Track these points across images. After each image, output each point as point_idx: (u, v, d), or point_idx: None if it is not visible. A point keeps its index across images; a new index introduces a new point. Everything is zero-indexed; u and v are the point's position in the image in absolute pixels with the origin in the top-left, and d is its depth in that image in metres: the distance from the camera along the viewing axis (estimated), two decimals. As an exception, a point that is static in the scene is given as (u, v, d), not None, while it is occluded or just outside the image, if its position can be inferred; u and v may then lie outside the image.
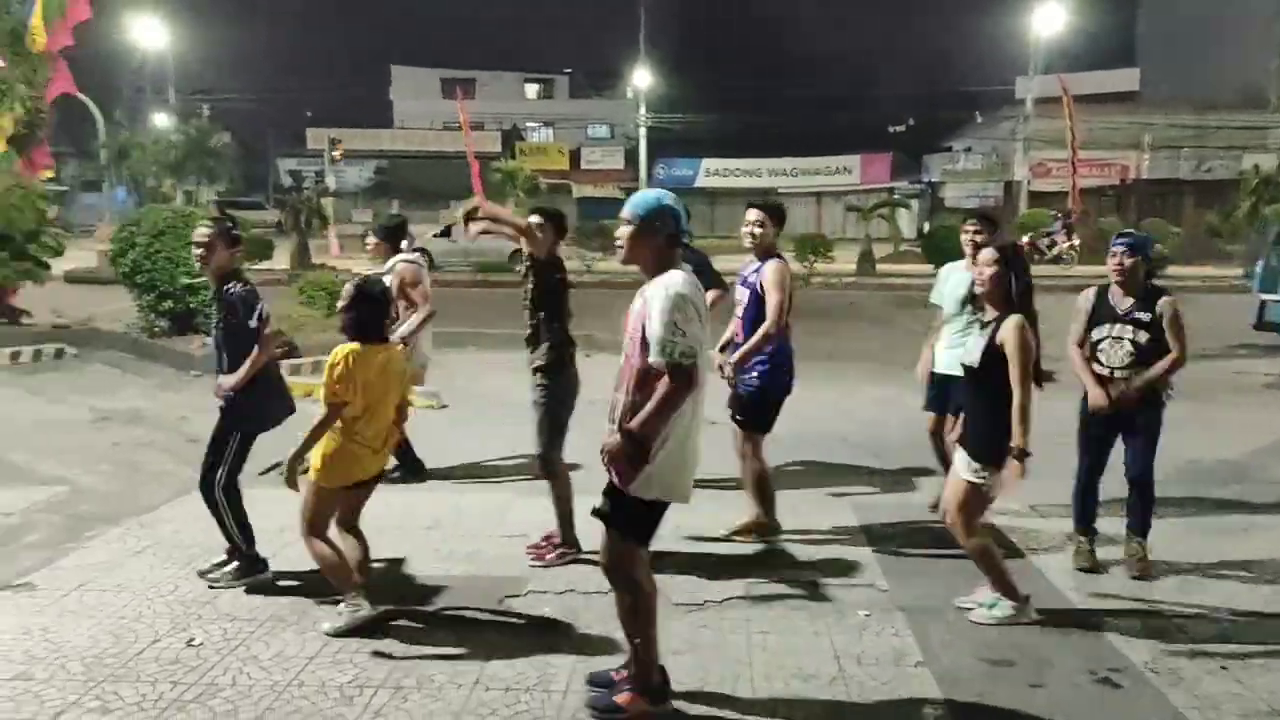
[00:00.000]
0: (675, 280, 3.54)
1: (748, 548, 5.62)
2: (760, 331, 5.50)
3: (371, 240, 7.30)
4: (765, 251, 5.66)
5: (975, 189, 47.00)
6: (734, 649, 4.30)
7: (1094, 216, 36.52)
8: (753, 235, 5.68)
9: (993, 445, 4.42)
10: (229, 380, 4.97)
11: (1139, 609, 4.79)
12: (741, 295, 5.72)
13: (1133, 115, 42.51)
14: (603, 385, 4.11)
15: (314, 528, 4.51)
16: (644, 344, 3.52)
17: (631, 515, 3.63)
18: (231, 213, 8.84)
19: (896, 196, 40.12)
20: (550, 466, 5.37)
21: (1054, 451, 6.31)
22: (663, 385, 3.44)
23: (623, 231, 3.66)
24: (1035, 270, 5.05)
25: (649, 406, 3.46)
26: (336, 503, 4.58)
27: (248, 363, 4.96)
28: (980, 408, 4.53)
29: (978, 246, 5.63)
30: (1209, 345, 11.98)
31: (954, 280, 6.01)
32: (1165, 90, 45.09)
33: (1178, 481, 6.81)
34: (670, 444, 3.53)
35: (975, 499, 4.54)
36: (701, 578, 5.12)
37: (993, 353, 4.41)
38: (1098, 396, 5.19)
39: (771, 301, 5.50)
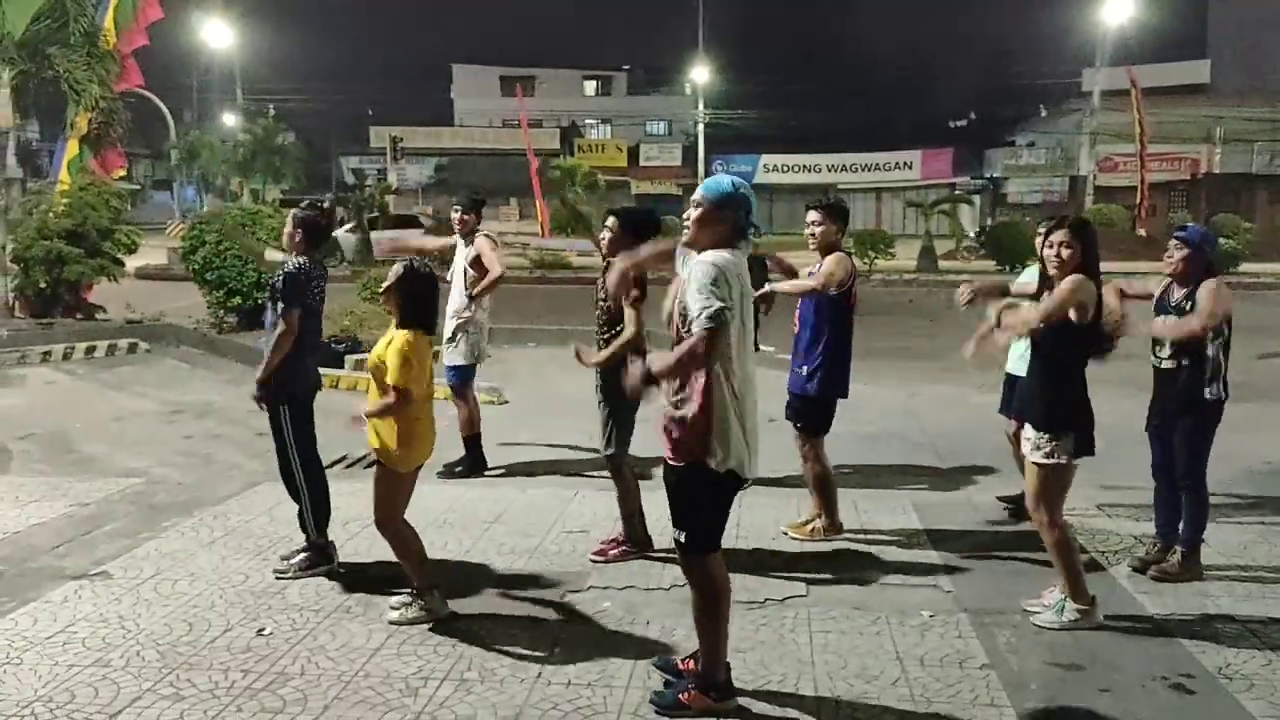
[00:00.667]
0: (714, 254, 3.54)
1: (809, 546, 5.60)
2: (805, 285, 5.54)
3: (456, 214, 7.34)
4: (828, 249, 5.64)
5: (1039, 184, 46.28)
6: (795, 648, 4.29)
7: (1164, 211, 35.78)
8: (813, 236, 5.67)
9: (1054, 412, 4.41)
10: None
11: (1211, 614, 4.68)
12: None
13: (1203, 108, 41.54)
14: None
15: (392, 516, 4.60)
16: (684, 317, 3.53)
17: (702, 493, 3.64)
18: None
19: (958, 192, 39.59)
20: (615, 463, 5.39)
21: (1124, 453, 6.21)
22: (690, 338, 3.46)
23: (691, 214, 3.64)
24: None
25: (675, 352, 3.49)
26: (409, 488, 4.65)
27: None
28: (1039, 377, 4.52)
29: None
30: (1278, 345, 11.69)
31: (1024, 278, 5.92)
32: (1237, 82, 43.89)
33: (1249, 483, 6.66)
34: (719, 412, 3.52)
35: (1052, 480, 4.47)
36: (763, 576, 5.10)
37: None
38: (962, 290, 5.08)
39: (821, 272, 5.51)
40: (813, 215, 5.66)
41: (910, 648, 4.31)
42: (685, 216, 3.69)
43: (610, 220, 5.47)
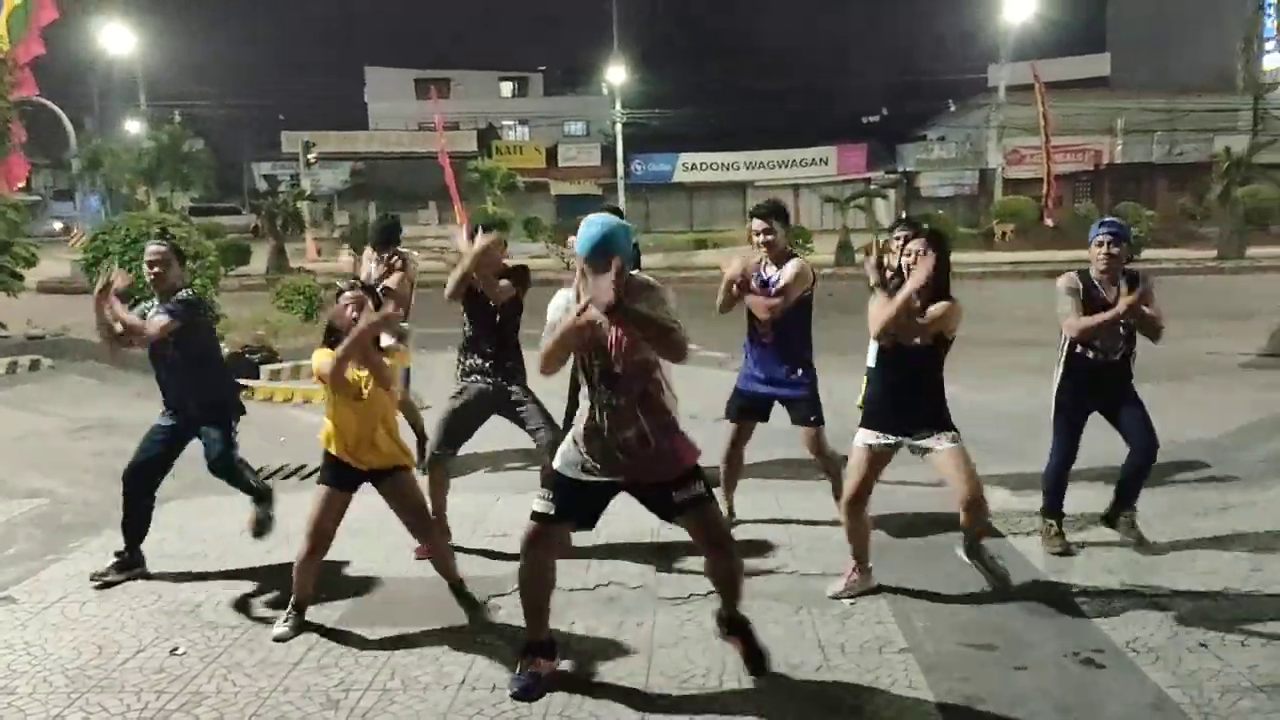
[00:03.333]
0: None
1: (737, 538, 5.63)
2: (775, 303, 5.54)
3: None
4: (781, 255, 5.65)
5: (951, 178, 47.26)
6: (720, 642, 4.31)
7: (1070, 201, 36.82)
8: (766, 244, 5.64)
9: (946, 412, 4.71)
10: None
11: (1118, 589, 4.84)
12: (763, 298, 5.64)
13: (1105, 100, 42.87)
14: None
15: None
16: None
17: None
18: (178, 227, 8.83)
19: (873, 187, 40.18)
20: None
21: (1031, 436, 6.38)
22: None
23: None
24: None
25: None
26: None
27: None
28: (939, 383, 4.71)
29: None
30: (1182, 327, 12.07)
31: None
32: (1136, 75, 45.41)
33: (1154, 462, 6.88)
34: None
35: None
36: (686, 572, 5.13)
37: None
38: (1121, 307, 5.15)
39: (790, 285, 5.54)
40: (758, 224, 5.61)
41: (831, 635, 4.38)
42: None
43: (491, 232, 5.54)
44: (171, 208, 33.48)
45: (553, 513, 3.85)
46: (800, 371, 5.67)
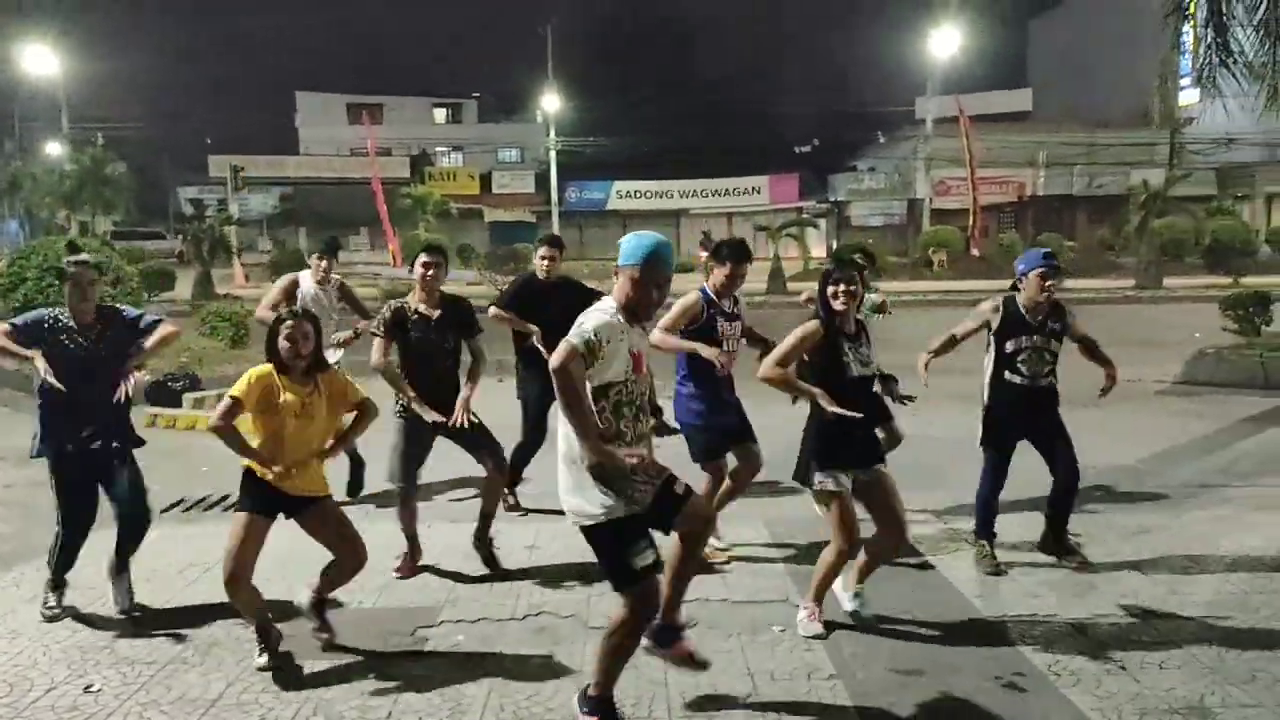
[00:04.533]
0: None
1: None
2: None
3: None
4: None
5: (880, 207, 48.16)
6: (649, 670, 4.29)
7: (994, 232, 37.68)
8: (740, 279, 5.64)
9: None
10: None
11: (1040, 614, 4.92)
12: (734, 329, 5.65)
13: (1027, 134, 44.03)
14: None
15: None
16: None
17: None
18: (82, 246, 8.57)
19: (804, 216, 40.75)
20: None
21: (954, 460, 6.47)
22: None
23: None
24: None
25: None
26: None
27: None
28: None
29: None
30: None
31: None
32: (1057, 109, 46.80)
33: (1077, 487, 7.02)
34: None
35: None
36: (615, 601, 5.09)
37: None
38: (924, 375, 5.48)
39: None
40: (744, 268, 5.59)
41: (761, 663, 4.38)
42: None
43: (431, 256, 5.64)
44: (93, 232, 32.75)
45: (653, 561, 3.70)
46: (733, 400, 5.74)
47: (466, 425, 5.46)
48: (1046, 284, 5.36)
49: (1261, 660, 4.33)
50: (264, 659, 4.36)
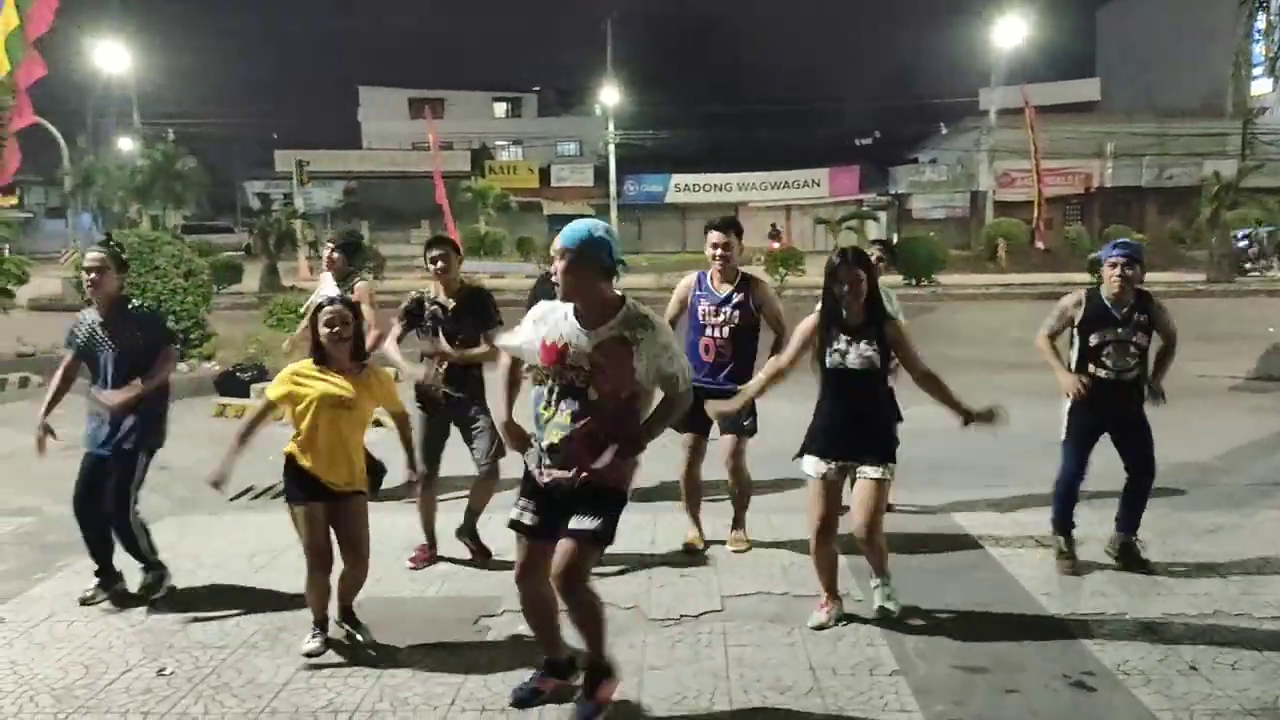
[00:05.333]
0: (659, 317, 3.85)
1: (723, 561, 5.63)
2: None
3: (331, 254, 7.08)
4: (733, 272, 5.73)
5: (941, 200, 47.52)
6: (710, 663, 4.31)
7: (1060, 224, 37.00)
8: (723, 259, 5.71)
9: (892, 442, 4.78)
10: (117, 397, 5.00)
11: (1110, 612, 4.83)
12: (730, 316, 5.66)
13: (1095, 124, 43.15)
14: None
15: None
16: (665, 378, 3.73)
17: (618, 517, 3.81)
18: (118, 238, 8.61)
19: (864, 208, 40.39)
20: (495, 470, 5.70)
21: (1020, 457, 6.38)
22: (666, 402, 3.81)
23: (558, 265, 3.67)
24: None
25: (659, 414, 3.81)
26: None
27: (155, 380, 5.07)
28: (884, 407, 4.82)
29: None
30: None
31: None
32: (1126, 99, 45.79)
33: (1150, 487, 6.88)
34: None
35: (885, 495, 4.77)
36: (676, 592, 5.12)
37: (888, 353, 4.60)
38: (1071, 384, 5.32)
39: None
40: (717, 236, 5.67)
41: (823, 657, 4.36)
42: (553, 270, 3.72)
43: (438, 249, 5.70)
44: (164, 225, 33.51)
45: (527, 522, 3.83)
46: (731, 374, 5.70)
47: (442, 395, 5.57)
48: (1118, 272, 5.26)
49: (1340, 664, 4.22)
50: (315, 644, 4.45)
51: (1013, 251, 33.49)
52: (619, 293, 3.77)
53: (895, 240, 35.99)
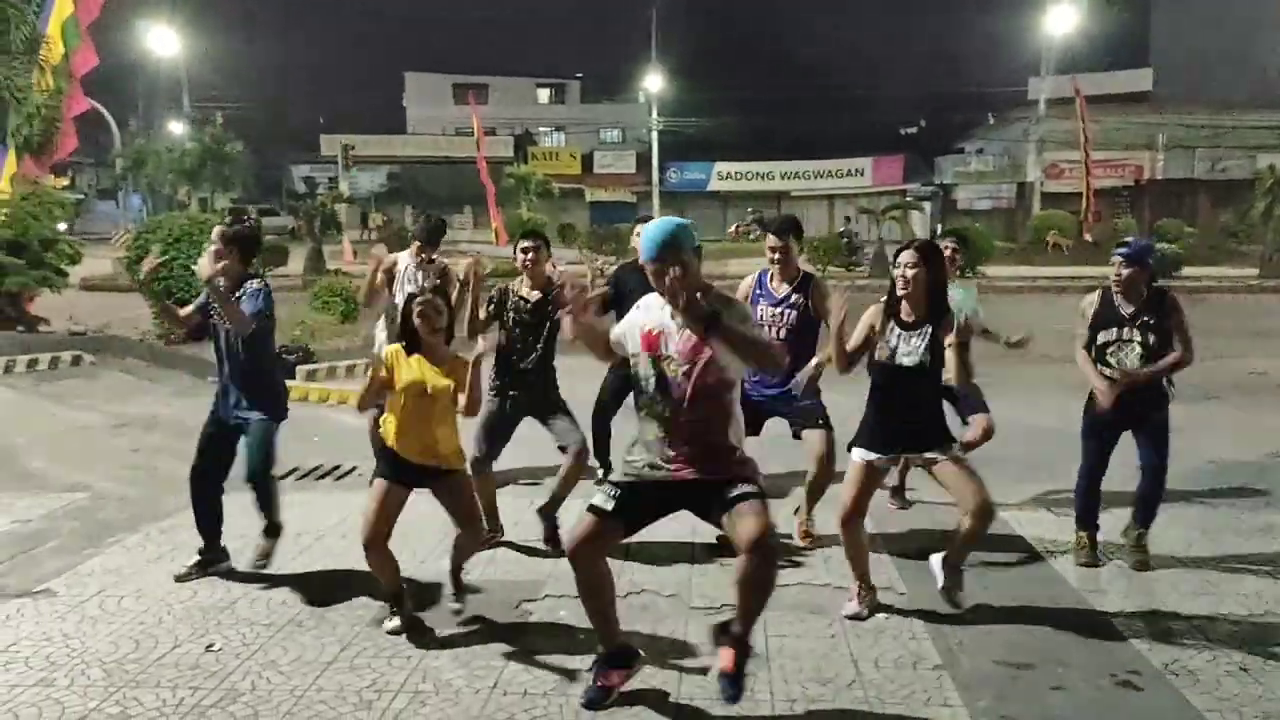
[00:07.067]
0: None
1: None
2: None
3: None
4: (794, 273, 5.70)
5: (988, 190, 46.93)
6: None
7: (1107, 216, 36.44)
8: (781, 263, 5.70)
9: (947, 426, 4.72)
10: None
11: (1157, 611, 4.77)
12: (788, 318, 5.63)
13: (1146, 115, 42.38)
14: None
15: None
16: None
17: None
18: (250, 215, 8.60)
19: (909, 199, 39.99)
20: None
21: (1057, 450, 6.28)
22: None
23: (675, 272, 3.57)
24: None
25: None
26: None
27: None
28: (936, 403, 4.68)
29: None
30: (1223, 346, 11.92)
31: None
32: (1179, 90, 44.87)
33: (1195, 483, 6.78)
34: None
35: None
36: (719, 581, 5.11)
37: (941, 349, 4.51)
38: (1105, 395, 5.22)
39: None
40: (775, 241, 5.64)
41: (865, 650, 4.34)
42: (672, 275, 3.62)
43: (529, 241, 5.66)
44: (212, 208, 33.95)
45: (609, 508, 3.74)
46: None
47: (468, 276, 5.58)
48: (1115, 273, 5.25)
49: (1397, 669, 4.13)
50: (395, 622, 4.52)
51: (1060, 244, 33.03)
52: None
53: (941, 230, 35.65)
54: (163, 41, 39.33)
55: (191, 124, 41.53)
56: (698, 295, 3.51)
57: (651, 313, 3.78)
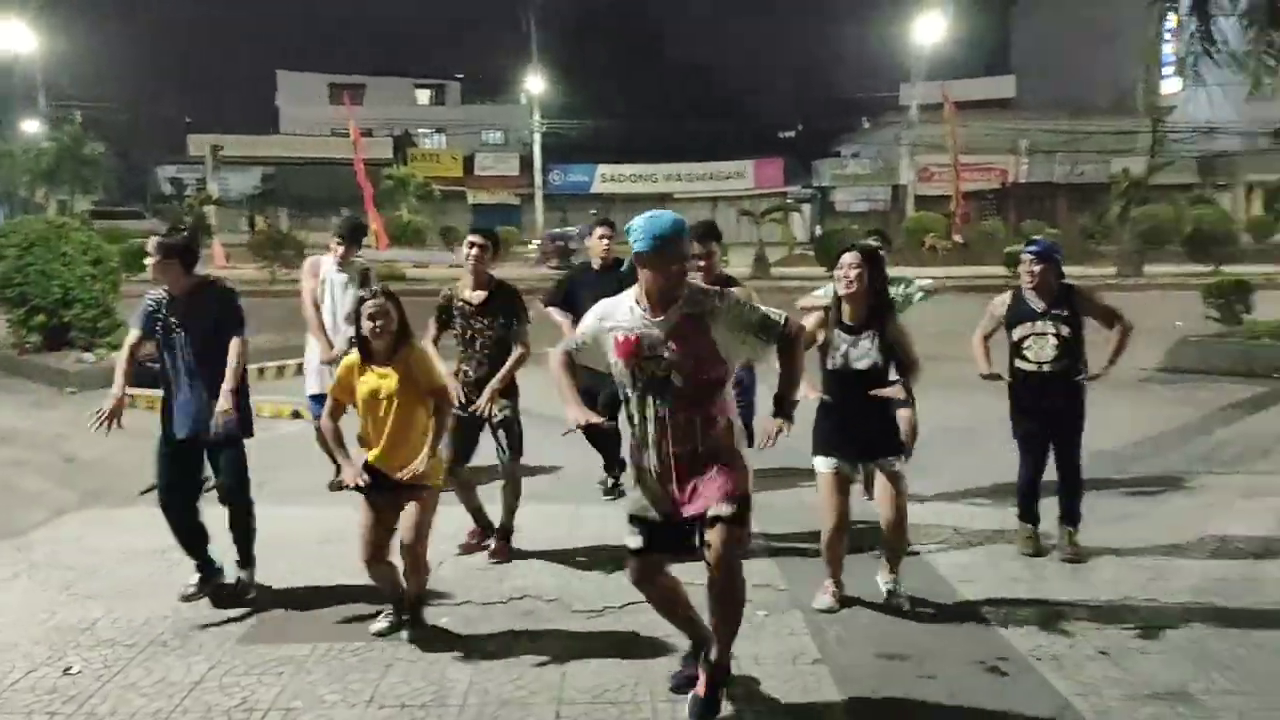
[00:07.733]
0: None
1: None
2: None
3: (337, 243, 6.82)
4: (718, 279, 5.72)
5: (863, 193, 48.12)
6: (635, 654, 4.29)
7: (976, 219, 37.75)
8: (704, 269, 5.80)
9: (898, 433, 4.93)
10: (228, 388, 4.73)
11: (1023, 599, 4.94)
12: None
13: (1010, 121, 44.09)
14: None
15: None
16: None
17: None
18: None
19: (789, 201, 40.74)
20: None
21: (935, 449, 6.48)
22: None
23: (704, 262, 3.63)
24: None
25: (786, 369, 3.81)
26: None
27: (235, 361, 4.77)
28: (887, 404, 4.78)
29: None
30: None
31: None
32: (1040, 96, 46.86)
33: (1077, 481, 7.05)
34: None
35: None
36: (600, 584, 5.10)
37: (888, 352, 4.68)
38: (984, 372, 5.60)
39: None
40: (697, 247, 5.59)
41: (746, 647, 4.36)
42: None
43: (479, 238, 5.53)
44: (71, 211, 32.41)
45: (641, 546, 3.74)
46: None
47: (492, 416, 5.45)
48: (1027, 269, 5.49)
49: (1244, 646, 4.36)
50: (383, 624, 4.53)
51: (936, 245, 34.05)
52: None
53: (819, 232, 36.45)
54: (17, 37, 37.36)
55: (48, 123, 39.55)
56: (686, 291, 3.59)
57: (620, 318, 3.65)
